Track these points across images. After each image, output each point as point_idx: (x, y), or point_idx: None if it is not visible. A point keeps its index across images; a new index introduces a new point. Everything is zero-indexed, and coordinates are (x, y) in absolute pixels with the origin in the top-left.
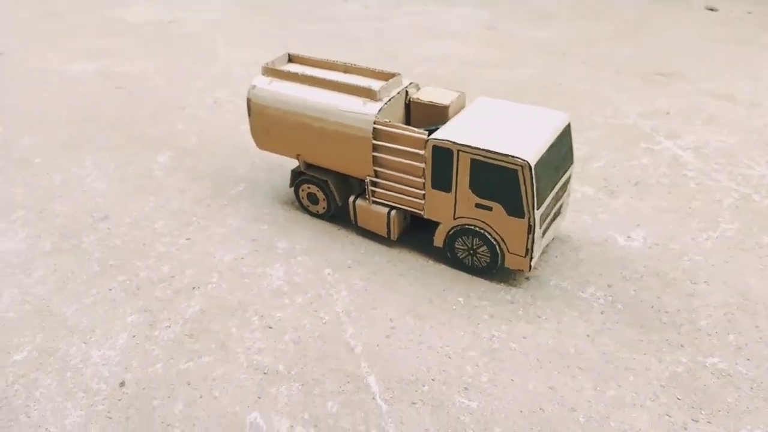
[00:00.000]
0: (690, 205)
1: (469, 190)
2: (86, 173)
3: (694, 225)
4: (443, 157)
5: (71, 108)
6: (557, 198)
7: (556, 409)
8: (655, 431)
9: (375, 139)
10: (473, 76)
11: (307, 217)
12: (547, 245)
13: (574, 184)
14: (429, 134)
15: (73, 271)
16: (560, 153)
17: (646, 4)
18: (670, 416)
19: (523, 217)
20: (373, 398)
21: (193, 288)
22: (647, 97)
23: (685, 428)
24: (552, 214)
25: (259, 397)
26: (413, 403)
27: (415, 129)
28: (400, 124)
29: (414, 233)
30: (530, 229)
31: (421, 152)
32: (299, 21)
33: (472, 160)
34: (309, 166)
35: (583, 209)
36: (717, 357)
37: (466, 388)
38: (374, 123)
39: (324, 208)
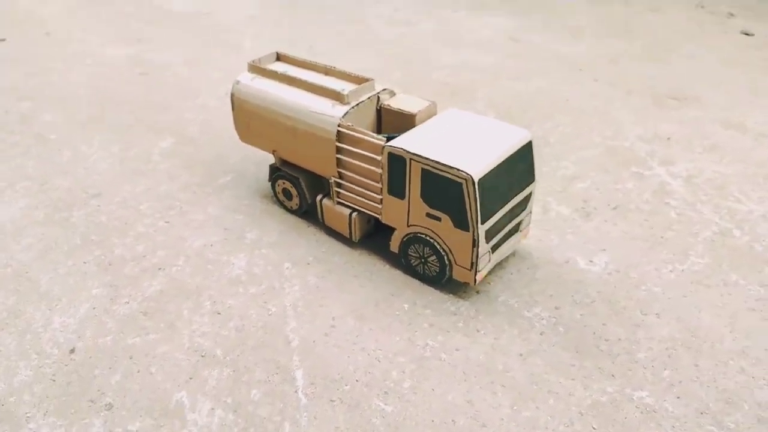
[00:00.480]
0: (663, 234)
1: (420, 199)
2: (92, 152)
3: (662, 255)
4: (397, 164)
5: (96, 89)
6: (513, 215)
7: (468, 423)
8: None
9: (338, 141)
10: (483, 86)
11: (282, 211)
12: (505, 261)
13: (550, 203)
14: (388, 141)
15: (57, 242)
16: (517, 170)
17: (681, 24)
18: None
19: (468, 231)
20: (296, 391)
21: (159, 269)
22: (653, 120)
23: None
24: (506, 230)
25: (191, 378)
26: (331, 401)
27: (375, 135)
28: (361, 129)
29: (377, 237)
30: (474, 243)
31: (379, 158)
32: (328, 21)
33: (423, 170)
34: (284, 162)
35: (553, 229)
36: (646, 391)
37: (386, 392)
38: (338, 125)
39: (297, 204)
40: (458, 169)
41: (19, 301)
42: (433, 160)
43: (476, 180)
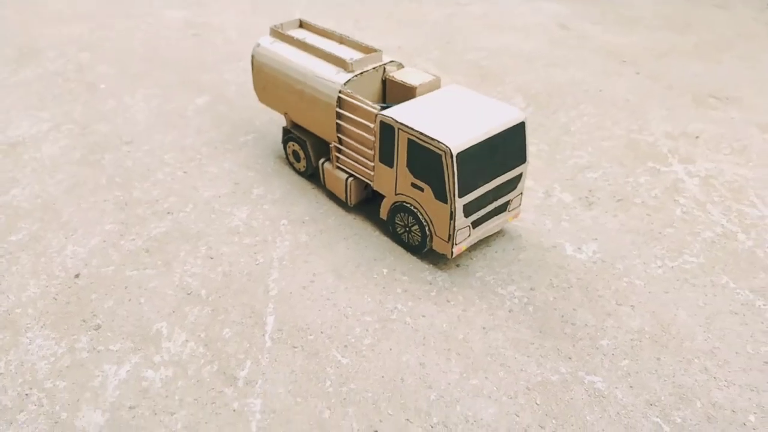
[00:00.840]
0: (662, 231)
1: (406, 169)
2: (134, 103)
3: (654, 251)
4: (388, 132)
5: (149, 47)
6: (498, 193)
7: (415, 383)
8: (496, 425)
9: (339, 107)
10: (517, 71)
11: (291, 171)
12: (492, 239)
13: (554, 189)
14: (382, 110)
15: (85, 181)
16: (505, 149)
17: (745, 23)
18: (518, 416)
19: (446, 203)
20: (263, 335)
21: (168, 213)
22: (686, 117)
23: (526, 431)
24: (490, 208)
25: (173, 312)
26: (294, 347)
27: (370, 103)
28: (359, 96)
29: (373, 204)
30: (452, 216)
31: (372, 125)
32: None
33: (409, 140)
34: (294, 125)
35: (551, 214)
36: (599, 377)
37: (345, 346)
38: (339, 92)
39: (304, 166)
40: (439, 141)
41: (41, 228)
42: (417, 131)
43: (455, 153)
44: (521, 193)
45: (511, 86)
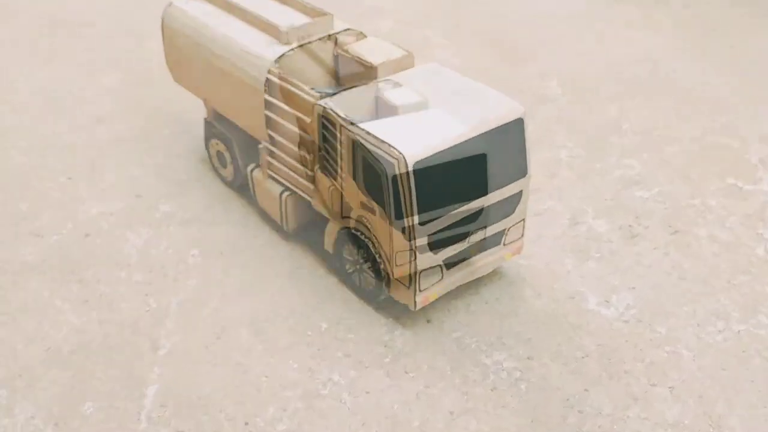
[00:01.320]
0: (732, 279)
1: (353, 182)
2: (19, 80)
3: (716, 307)
4: (329, 130)
5: (53, 3)
6: (487, 220)
7: None
8: None
9: (267, 94)
10: (555, 44)
11: (217, 181)
12: (482, 284)
13: (585, 213)
14: (324, 98)
15: None
16: (496, 157)
17: None
18: None
19: (404, 232)
20: (139, 412)
21: (37, 235)
22: None
23: None
24: (473, 240)
25: (20, 375)
26: (179, 431)
27: (306, 88)
28: (293, 79)
29: (323, 228)
30: (412, 252)
31: (309, 119)
32: None
33: (354, 143)
34: (218, 116)
35: (574, 249)
36: None
37: (250, 430)
38: (269, 71)
39: (232, 173)
40: (390, 145)
41: None
42: (363, 130)
43: (411, 163)
44: (523, 219)
45: (544, 66)
